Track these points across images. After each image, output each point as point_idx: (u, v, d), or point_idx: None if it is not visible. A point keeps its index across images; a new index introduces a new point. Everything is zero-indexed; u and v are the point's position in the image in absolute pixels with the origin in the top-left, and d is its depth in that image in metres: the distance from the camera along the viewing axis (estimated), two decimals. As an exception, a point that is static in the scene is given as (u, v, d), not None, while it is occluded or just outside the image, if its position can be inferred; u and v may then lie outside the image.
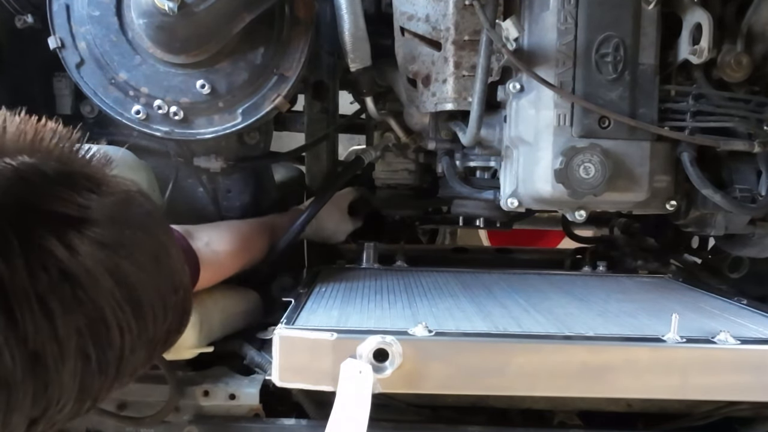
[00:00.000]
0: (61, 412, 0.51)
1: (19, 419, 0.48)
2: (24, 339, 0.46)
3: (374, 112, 1.35)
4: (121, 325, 0.52)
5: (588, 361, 0.86)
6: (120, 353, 0.53)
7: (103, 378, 0.53)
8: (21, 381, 0.46)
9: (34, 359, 0.47)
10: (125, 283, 0.52)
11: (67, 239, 0.48)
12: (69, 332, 0.48)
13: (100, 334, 0.51)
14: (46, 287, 0.47)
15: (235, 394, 1.17)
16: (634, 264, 1.53)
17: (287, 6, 1.14)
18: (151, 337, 0.56)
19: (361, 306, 1.04)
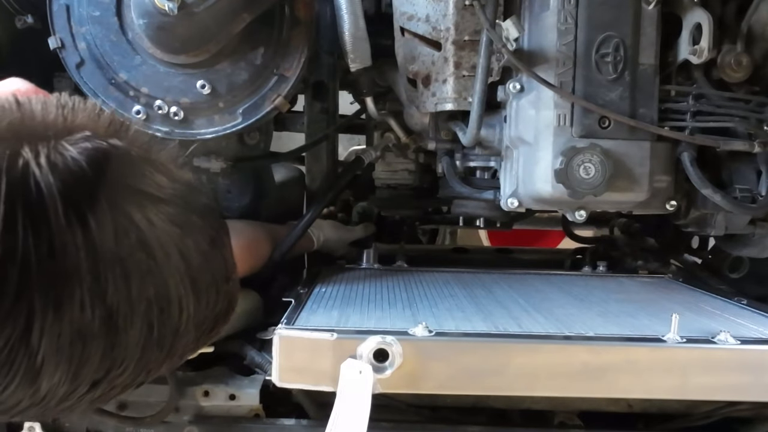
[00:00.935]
0: (120, 377, 0.55)
1: (87, 374, 0.52)
2: (104, 295, 0.50)
3: (374, 112, 1.35)
4: (182, 302, 0.56)
5: (588, 361, 0.86)
6: (176, 329, 0.57)
7: (159, 351, 0.56)
8: (95, 335, 0.51)
9: (108, 317, 0.51)
10: (189, 262, 0.56)
11: (147, 213, 0.53)
12: (140, 297, 0.53)
13: (163, 306, 0.55)
14: (127, 252, 0.52)
15: (236, 395, 1.17)
16: (635, 264, 1.53)
17: (287, 6, 1.14)
18: (201, 320, 0.59)
19: (361, 306, 1.04)
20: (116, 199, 0.52)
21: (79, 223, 0.49)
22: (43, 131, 0.52)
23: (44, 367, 0.51)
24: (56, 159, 0.50)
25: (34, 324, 0.49)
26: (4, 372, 0.50)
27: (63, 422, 1.23)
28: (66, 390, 0.53)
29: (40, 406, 0.54)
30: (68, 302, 0.49)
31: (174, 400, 1.14)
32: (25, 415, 0.56)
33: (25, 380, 0.51)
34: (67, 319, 0.50)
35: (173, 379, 1.13)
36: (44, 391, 0.52)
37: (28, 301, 0.48)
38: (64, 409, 0.56)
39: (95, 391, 0.55)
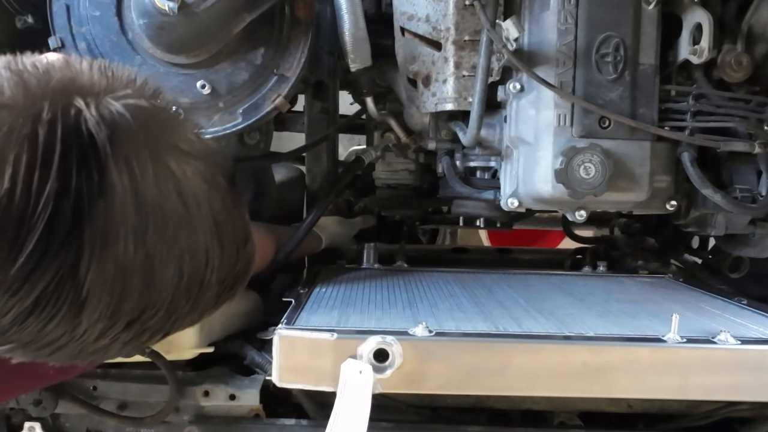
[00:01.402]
0: (151, 320, 0.59)
1: (125, 311, 0.57)
2: (144, 236, 0.55)
3: (374, 112, 1.35)
4: (208, 252, 0.60)
5: (588, 361, 0.86)
6: (201, 280, 0.61)
7: (186, 299, 0.61)
8: (135, 272, 0.56)
9: (147, 257, 0.56)
10: (216, 216, 0.61)
11: (182, 165, 0.59)
12: (175, 242, 0.57)
13: (193, 254, 0.59)
14: (166, 199, 0.57)
15: (236, 395, 1.17)
16: (635, 264, 1.53)
17: (287, 6, 1.14)
18: (223, 276, 0.63)
19: (362, 306, 1.04)
20: (156, 150, 0.57)
21: (126, 169, 0.55)
22: (90, 88, 0.57)
23: (88, 300, 0.55)
24: (104, 112, 0.55)
25: (82, 256, 0.53)
26: (52, 303, 0.54)
27: (63, 422, 1.23)
28: (104, 326, 0.57)
29: (78, 342, 0.57)
30: (114, 239, 0.54)
31: (174, 400, 1.14)
32: (61, 352, 0.59)
33: (69, 312, 0.55)
34: (112, 255, 0.54)
35: (173, 379, 1.13)
36: (85, 325, 0.56)
37: (79, 234, 0.53)
38: (97, 349, 0.60)
39: (129, 332, 0.59)
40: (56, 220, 0.52)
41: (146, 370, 1.18)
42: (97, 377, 1.20)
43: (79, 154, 0.53)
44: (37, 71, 0.57)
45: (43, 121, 0.53)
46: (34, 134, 0.52)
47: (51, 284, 0.53)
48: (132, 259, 0.55)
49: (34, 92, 0.54)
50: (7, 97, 0.54)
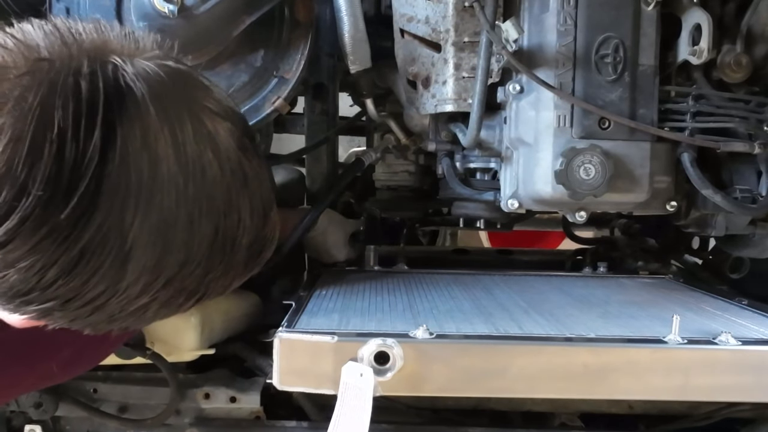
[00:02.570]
0: (188, 278, 0.60)
1: (165, 265, 0.58)
2: (185, 188, 0.57)
3: (374, 114, 1.35)
4: (240, 212, 0.62)
5: (589, 362, 0.86)
6: (233, 239, 0.62)
7: (220, 258, 0.62)
8: (176, 224, 0.57)
9: (187, 209, 0.58)
10: (246, 177, 0.62)
11: (215, 124, 0.60)
12: (212, 197, 0.59)
13: (226, 212, 0.61)
14: (203, 154, 0.58)
15: (236, 397, 1.17)
16: (635, 265, 1.53)
17: (287, 8, 1.14)
18: (252, 240, 0.65)
19: (362, 308, 1.04)
20: (192, 107, 0.59)
21: (167, 123, 0.56)
22: (122, 49, 0.59)
23: (132, 251, 0.56)
24: (139, 69, 0.57)
25: (129, 205, 0.54)
26: (97, 253, 0.55)
27: (64, 425, 1.23)
28: (146, 281, 0.58)
29: (119, 298, 0.58)
30: (159, 188, 0.56)
31: (175, 402, 1.14)
32: (101, 312, 0.59)
33: (113, 264, 0.56)
34: (156, 205, 0.56)
35: (174, 382, 1.13)
36: (128, 279, 0.57)
37: (126, 183, 0.54)
38: (137, 309, 0.60)
39: (167, 290, 0.60)
40: (104, 168, 0.53)
41: (147, 373, 1.19)
42: (98, 380, 1.20)
43: (120, 106, 0.54)
44: (71, 31, 0.58)
45: (84, 74, 0.54)
46: (77, 86, 0.53)
47: (98, 234, 0.54)
48: (174, 211, 0.57)
49: (71, 49, 0.56)
50: (47, 51, 0.55)
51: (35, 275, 0.55)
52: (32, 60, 0.55)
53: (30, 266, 0.54)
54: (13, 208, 0.52)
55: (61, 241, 0.54)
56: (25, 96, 0.52)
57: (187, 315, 1.12)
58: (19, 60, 0.55)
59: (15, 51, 0.56)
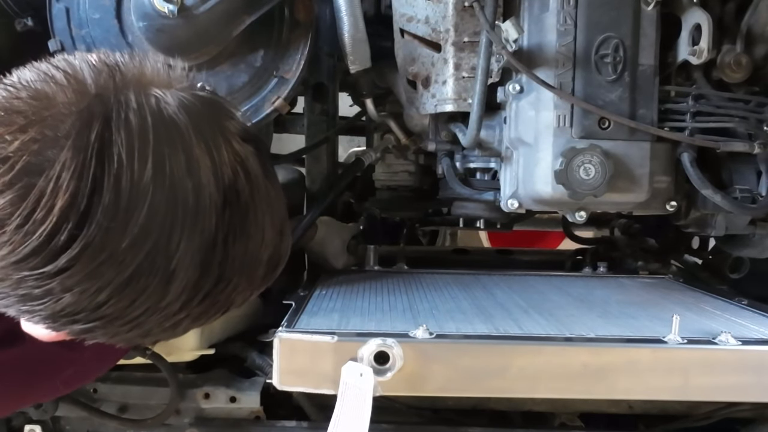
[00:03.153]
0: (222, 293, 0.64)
1: (204, 283, 0.61)
2: (223, 211, 0.60)
3: (374, 113, 1.35)
4: (265, 232, 0.65)
5: (589, 362, 0.86)
6: (256, 255, 0.65)
7: (246, 273, 0.65)
8: (216, 245, 0.61)
9: (225, 231, 0.61)
10: (269, 198, 0.66)
11: (244, 149, 0.64)
12: (245, 219, 0.63)
13: (253, 232, 0.64)
14: (239, 178, 0.62)
15: (236, 397, 1.17)
16: (635, 265, 1.53)
17: (287, 8, 1.14)
18: (271, 254, 0.68)
19: (362, 308, 1.04)
20: (225, 133, 0.63)
21: (207, 151, 0.60)
22: (158, 80, 0.62)
23: (176, 273, 0.59)
24: (178, 102, 0.60)
25: (175, 230, 0.58)
26: (145, 275, 0.58)
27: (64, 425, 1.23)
28: (186, 298, 0.61)
29: (159, 315, 0.61)
30: (201, 213, 0.59)
31: (175, 402, 1.14)
32: (139, 329, 0.62)
33: (158, 286, 0.59)
34: (199, 228, 0.59)
35: (174, 382, 1.13)
36: (168, 299, 0.60)
37: (173, 209, 0.57)
38: (172, 325, 0.63)
39: (202, 305, 0.63)
40: (155, 196, 0.56)
41: (147, 373, 1.19)
42: (98, 380, 1.20)
43: (167, 136, 0.58)
44: (116, 64, 0.62)
45: (132, 108, 0.58)
46: (128, 120, 0.57)
47: (148, 257, 0.57)
48: (214, 234, 0.60)
49: (117, 82, 0.60)
50: (96, 86, 0.59)
51: (88, 298, 0.57)
52: (86, 95, 0.58)
53: (84, 290, 0.57)
54: (75, 237, 0.55)
55: (117, 265, 0.57)
56: (83, 132, 0.55)
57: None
58: (71, 96, 0.58)
59: (67, 86, 0.58)
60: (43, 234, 0.54)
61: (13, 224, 0.54)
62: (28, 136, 0.55)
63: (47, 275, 0.55)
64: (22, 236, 0.54)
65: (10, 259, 0.55)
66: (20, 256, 0.55)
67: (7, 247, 0.55)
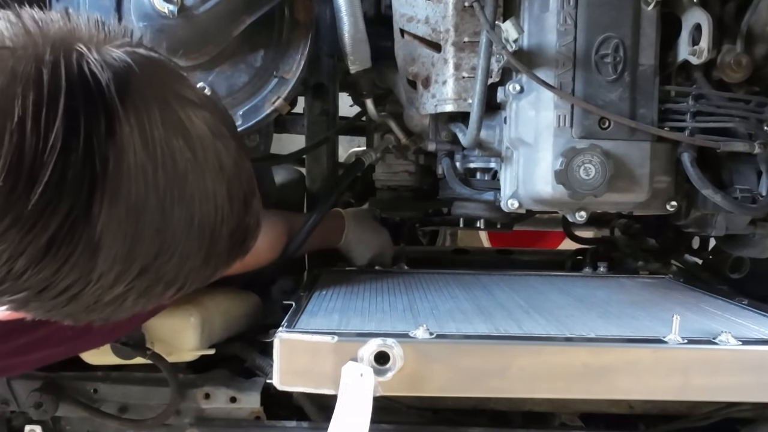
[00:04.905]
0: (166, 265, 0.60)
1: (139, 253, 0.58)
2: (155, 176, 0.57)
3: (374, 114, 1.35)
4: (216, 199, 0.61)
5: (589, 362, 0.86)
6: (212, 228, 0.62)
7: (197, 248, 0.61)
8: (146, 212, 0.57)
9: (157, 197, 0.57)
10: (222, 165, 0.62)
11: (188, 112, 0.60)
12: (184, 185, 0.59)
13: (202, 199, 0.60)
14: (174, 142, 0.58)
15: (236, 397, 1.17)
16: (635, 265, 1.53)
17: (287, 8, 1.14)
18: (234, 228, 0.64)
19: (362, 309, 1.04)
20: (161, 95, 0.59)
21: (133, 111, 0.55)
22: (89, 37, 0.58)
23: (102, 240, 0.55)
24: (106, 57, 0.56)
25: (95, 195, 0.54)
26: (66, 242, 0.54)
27: (64, 425, 1.23)
28: (119, 270, 0.57)
29: (93, 288, 0.58)
30: (126, 177, 0.55)
31: (175, 402, 1.14)
32: (77, 302, 0.59)
33: (84, 254, 0.55)
34: (124, 194, 0.55)
35: (174, 382, 1.13)
36: (100, 269, 0.56)
37: (90, 173, 0.54)
38: (114, 299, 0.60)
39: (143, 279, 0.59)
40: (67, 157, 0.53)
41: (147, 373, 1.19)
42: (98, 380, 1.20)
43: (84, 95, 0.54)
44: (36, 20, 0.58)
45: (45, 62, 0.54)
46: (39, 74, 0.53)
47: (65, 223, 0.54)
48: (143, 199, 0.56)
49: (35, 38, 0.55)
50: (9, 41, 0.55)
51: (4, 265, 0.55)
52: None
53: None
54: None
55: (27, 230, 0.54)
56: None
57: (187, 315, 1.12)
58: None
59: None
60: None
61: None
62: None
63: None
64: None
65: None
66: None
67: None
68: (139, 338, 1.10)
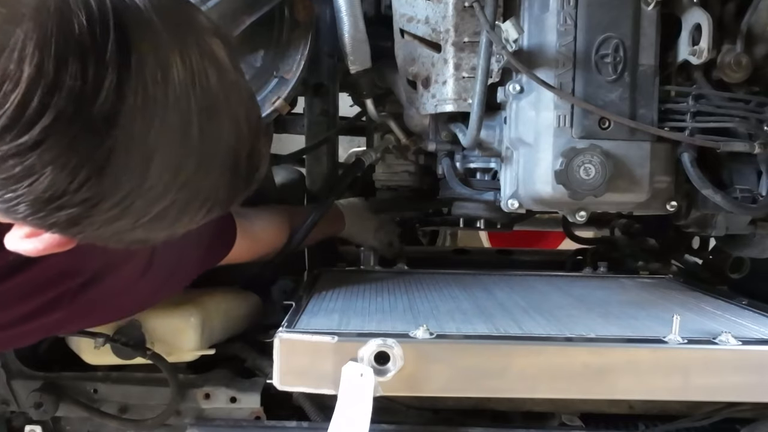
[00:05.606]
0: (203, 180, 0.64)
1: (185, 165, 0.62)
2: (195, 96, 0.61)
3: (374, 114, 1.35)
4: (239, 124, 0.65)
5: (589, 362, 0.86)
6: (235, 151, 0.66)
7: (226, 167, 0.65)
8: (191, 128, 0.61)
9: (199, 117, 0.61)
10: (242, 94, 0.67)
11: (212, 42, 0.64)
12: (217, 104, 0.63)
13: (229, 122, 0.64)
14: (207, 66, 0.62)
15: (237, 397, 1.17)
16: (635, 265, 1.53)
17: (287, 8, 1.14)
18: (249, 152, 0.67)
19: (362, 309, 1.04)
20: (189, 21, 0.64)
21: (171, 33, 0.60)
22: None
23: (155, 151, 0.59)
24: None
25: (149, 106, 0.58)
26: (124, 152, 0.58)
27: (64, 425, 1.23)
28: (167, 181, 0.61)
29: (142, 199, 0.61)
30: (172, 93, 0.59)
31: (175, 402, 1.14)
32: (126, 215, 0.61)
33: (139, 164, 0.59)
34: (172, 107, 0.59)
35: (174, 382, 1.13)
36: (151, 180, 0.60)
37: (143, 84, 0.57)
38: (159, 213, 0.63)
39: (184, 193, 0.63)
40: (123, 67, 0.56)
41: (147, 373, 1.19)
42: (98, 380, 1.20)
43: (125, 14, 0.58)
44: None
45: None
46: (87, 1, 0.57)
47: (125, 131, 0.57)
48: (188, 114, 0.60)
49: None
50: None
51: (69, 174, 0.57)
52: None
53: (64, 165, 0.56)
54: (46, 106, 0.54)
55: (92, 137, 0.56)
56: (41, 7, 0.55)
57: (187, 315, 1.12)
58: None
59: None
60: (14, 103, 0.54)
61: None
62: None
63: (25, 147, 0.55)
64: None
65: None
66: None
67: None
68: (139, 338, 1.10)
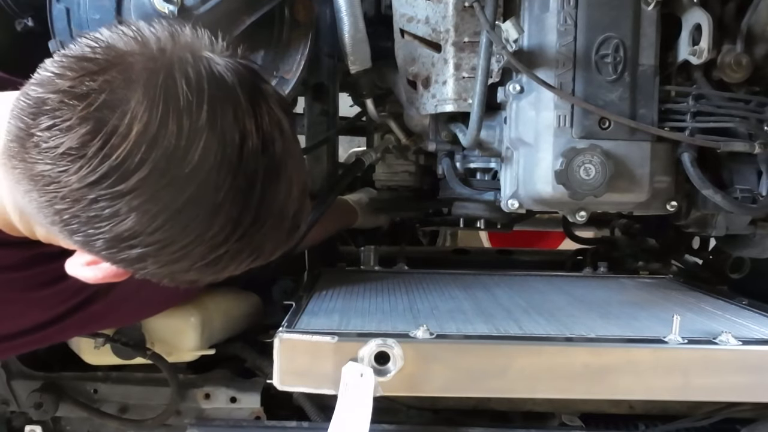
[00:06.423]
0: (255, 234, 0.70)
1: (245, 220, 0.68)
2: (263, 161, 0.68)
3: (374, 114, 1.35)
4: (292, 187, 0.72)
5: (589, 362, 0.86)
6: (284, 210, 0.72)
7: (274, 225, 0.72)
8: (255, 188, 0.68)
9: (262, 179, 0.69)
10: (299, 159, 0.75)
11: (279, 114, 0.71)
12: (279, 168, 0.70)
13: (286, 184, 0.71)
14: (275, 135, 0.69)
15: (237, 397, 1.17)
16: (635, 265, 1.53)
17: (287, 8, 1.14)
18: (295, 211, 0.73)
19: (362, 309, 1.04)
20: (264, 94, 0.71)
21: (250, 106, 0.67)
22: (208, 46, 0.70)
23: (222, 204, 0.66)
24: (227, 65, 0.69)
25: (222, 167, 0.66)
26: (197, 204, 0.65)
27: (64, 425, 1.23)
28: (227, 233, 0.67)
29: (203, 246, 0.67)
30: (245, 155, 0.66)
31: (175, 402, 1.15)
32: (186, 259, 0.68)
33: (207, 215, 0.66)
34: (243, 168, 0.66)
35: (175, 382, 1.13)
36: (213, 230, 0.67)
37: (222, 150, 0.65)
38: (213, 259, 0.69)
39: (239, 244, 0.69)
40: (209, 136, 0.64)
41: (147, 373, 1.19)
42: (98, 380, 1.20)
43: (218, 90, 0.66)
44: (172, 29, 0.70)
45: (190, 63, 0.66)
46: (187, 72, 0.65)
47: (200, 187, 0.64)
48: (254, 174, 0.67)
49: (176, 43, 0.68)
50: (159, 45, 0.67)
51: (149, 219, 0.64)
52: (151, 50, 0.66)
53: (147, 211, 0.63)
54: (145, 160, 0.62)
55: (173, 189, 0.64)
56: (152, 78, 0.64)
57: (187, 315, 1.12)
58: (139, 50, 0.66)
59: (135, 43, 0.67)
60: (120, 156, 0.62)
61: (93, 148, 0.61)
62: (105, 78, 0.63)
63: (119, 194, 0.62)
64: (101, 158, 0.62)
65: (88, 179, 0.62)
66: (97, 176, 0.62)
67: (86, 169, 0.62)
68: (139, 338, 1.10)
